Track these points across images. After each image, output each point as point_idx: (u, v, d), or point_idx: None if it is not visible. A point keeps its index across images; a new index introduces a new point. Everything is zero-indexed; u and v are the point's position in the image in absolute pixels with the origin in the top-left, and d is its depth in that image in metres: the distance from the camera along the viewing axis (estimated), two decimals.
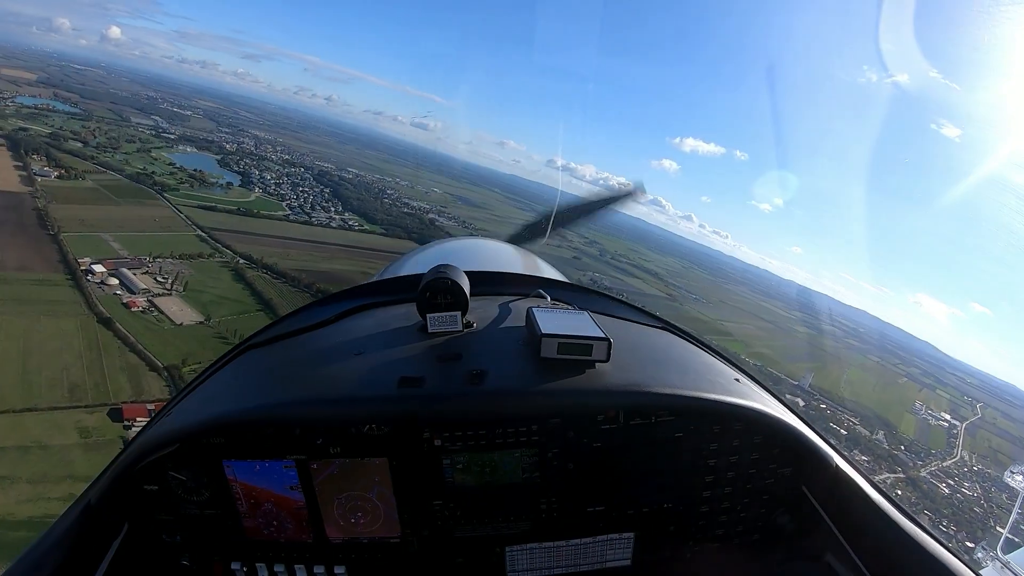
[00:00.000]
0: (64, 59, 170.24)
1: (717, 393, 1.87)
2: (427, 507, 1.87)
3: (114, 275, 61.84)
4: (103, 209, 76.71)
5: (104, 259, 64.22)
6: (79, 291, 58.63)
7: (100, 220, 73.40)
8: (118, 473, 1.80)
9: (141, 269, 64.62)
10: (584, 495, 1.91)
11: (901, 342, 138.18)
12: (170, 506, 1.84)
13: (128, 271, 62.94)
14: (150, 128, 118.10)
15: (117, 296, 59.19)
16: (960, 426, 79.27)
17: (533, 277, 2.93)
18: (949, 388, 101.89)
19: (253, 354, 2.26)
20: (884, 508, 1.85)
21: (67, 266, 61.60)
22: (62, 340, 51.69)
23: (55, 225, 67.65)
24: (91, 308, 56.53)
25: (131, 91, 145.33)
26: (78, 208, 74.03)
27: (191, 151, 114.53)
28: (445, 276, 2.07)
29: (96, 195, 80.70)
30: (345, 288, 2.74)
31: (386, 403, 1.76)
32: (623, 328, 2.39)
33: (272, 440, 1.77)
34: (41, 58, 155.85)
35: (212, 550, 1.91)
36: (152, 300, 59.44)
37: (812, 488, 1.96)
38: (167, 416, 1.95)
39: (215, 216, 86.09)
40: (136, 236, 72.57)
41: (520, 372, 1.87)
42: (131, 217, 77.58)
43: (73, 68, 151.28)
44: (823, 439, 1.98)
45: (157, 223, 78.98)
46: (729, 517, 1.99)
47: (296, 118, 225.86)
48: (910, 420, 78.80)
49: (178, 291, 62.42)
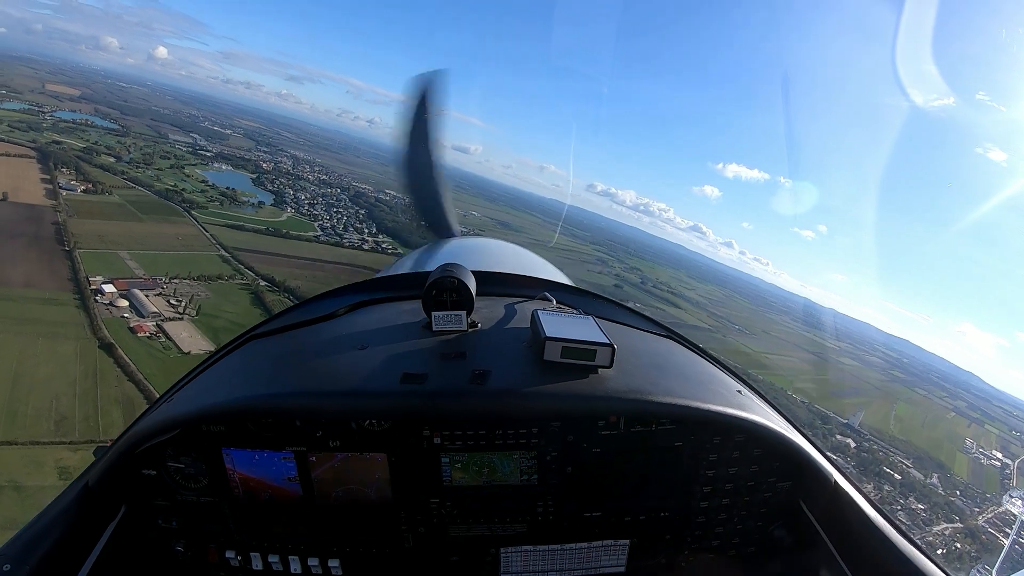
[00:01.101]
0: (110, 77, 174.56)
1: (719, 404, 1.87)
2: (424, 504, 1.89)
3: (124, 296, 57.95)
4: (125, 225, 73.85)
5: (117, 278, 60.57)
6: (85, 312, 54.82)
7: (120, 236, 70.36)
8: (117, 456, 1.82)
9: (154, 290, 60.69)
10: (581, 500, 1.93)
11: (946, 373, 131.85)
12: (167, 491, 1.86)
13: (140, 292, 58.94)
14: (187, 145, 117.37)
15: (124, 319, 55.20)
16: (1012, 465, 76.67)
17: (539, 279, 2.84)
18: (997, 423, 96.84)
19: (256, 344, 2.25)
20: (881, 527, 1.85)
21: (77, 285, 57.91)
22: (57, 365, 47.82)
23: (71, 240, 64.47)
24: (94, 331, 52.51)
25: (173, 109, 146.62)
26: (99, 223, 71.23)
27: (226, 169, 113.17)
28: (451, 275, 2.05)
29: (121, 211, 78.14)
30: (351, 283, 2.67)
31: (387, 399, 1.76)
32: (627, 335, 2.38)
33: (272, 430, 1.78)
34: (87, 75, 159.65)
35: (207, 537, 1.93)
36: (161, 325, 55.35)
37: (810, 503, 1.97)
38: (168, 402, 1.96)
39: (241, 236, 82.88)
40: (155, 254, 69.18)
41: (523, 374, 1.86)
42: (153, 234, 74.56)
43: (118, 86, 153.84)
44: (823, 455, 1.97)
45: (180, 241, 75.68)
46: (726, 528, 2.00)
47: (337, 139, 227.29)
48: (962, 460, 75.33)
49: (190, 315, 58.22)
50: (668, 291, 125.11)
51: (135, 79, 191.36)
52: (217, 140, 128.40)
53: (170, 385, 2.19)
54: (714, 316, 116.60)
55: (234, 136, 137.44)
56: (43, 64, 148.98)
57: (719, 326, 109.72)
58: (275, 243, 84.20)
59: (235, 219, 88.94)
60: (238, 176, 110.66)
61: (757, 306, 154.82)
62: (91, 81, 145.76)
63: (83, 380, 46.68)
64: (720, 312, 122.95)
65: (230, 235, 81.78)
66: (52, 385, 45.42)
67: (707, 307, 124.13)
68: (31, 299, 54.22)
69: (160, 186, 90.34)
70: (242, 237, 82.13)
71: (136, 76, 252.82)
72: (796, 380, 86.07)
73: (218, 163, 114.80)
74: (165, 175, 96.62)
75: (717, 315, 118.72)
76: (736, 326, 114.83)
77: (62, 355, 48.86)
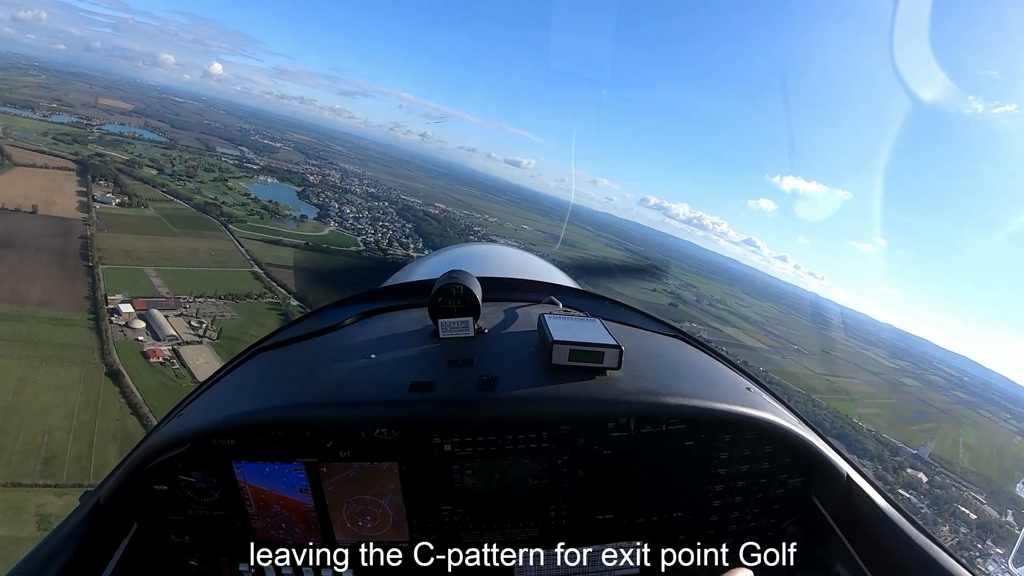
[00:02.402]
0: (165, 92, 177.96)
1: (729, 402, 1.87)
2: (436, 512, 1.91)
3: (143, 316, 53.45)
4: (156, 240, 70.43)
5: (137, 297, 56.33)
6: (97, 334, 50.36)
7: (149, 252, 66.72)
8: (128, 472, 1.83)
9: (176, 311, 56.08)
10: (593, 502, 1.93)
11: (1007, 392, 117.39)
12: (179, 506, 1.88)
13: (160, 312, 54.35)
14: (234, 158, 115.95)
15: (139, 343, 50.53)
16: None
17: (545, 283, 2.87)
18: None
19: (265, 356, 2.28)
20: (896, 520, 1.84)
21: (94, 304, 53.71)
22: (57, 394, 43.28)
23: (96, 256, 60.76)
24: (103, 356, 47.87)
25: (224, 123, 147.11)
26: (129, 238, 67.90)
27: (271, 182, 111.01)
28: (457, 282, 2.08)
29: (154, 225, 75.02)
30: (357, 292, 2.72)
31: (397, 407, 1.78)
32: (635, 336, 2.38)
33: (282, 442, 1.80)
34: (142, 90, 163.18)
35: (220, 551, 1.95)
36: (177, 349, 50.46)
37: (823, 499, 1.96)
38: (178, 417, 1.98)
39: (278, 251, 78.62)
40: (183, 271, 65.12)
41: (531, 378, 1.88)
42: (185, 249, 70.83)
43: (172, 100, 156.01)
44: (835, 450, 1.98)
45: (212, 257, 71.70)
46: (739, 527, 2.00)
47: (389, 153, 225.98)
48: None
49: (210, 338, 53.13)
50: (724, 309, 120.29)
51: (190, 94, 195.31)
52: (265, 153, 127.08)
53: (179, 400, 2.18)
54: (771, 335, 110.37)
55: (284, 149, 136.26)
56: (99, 79, 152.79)
57: (777, 346, 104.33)
58: (314, 258, 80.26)
59: (274, 233, 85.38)
60: (283, 189, 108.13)
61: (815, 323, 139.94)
62: (145, 96, 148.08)
63: (82, 412, 42.00)
64: (778, 331, 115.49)
65: (267, 250, 77.85)
66: (48, 417, 41.00)
67: (764, 325, 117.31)
68: (43, 319, 50.34)
69: (199, 199, 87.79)
70: (280, 252, 77.92)
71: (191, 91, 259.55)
72: (860, 405, 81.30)
73: (263, 176, 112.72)
74: (207, 188, 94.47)
75: (775, 334, 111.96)
76: (795, 346, 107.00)
77: (64, 382, 44.45)
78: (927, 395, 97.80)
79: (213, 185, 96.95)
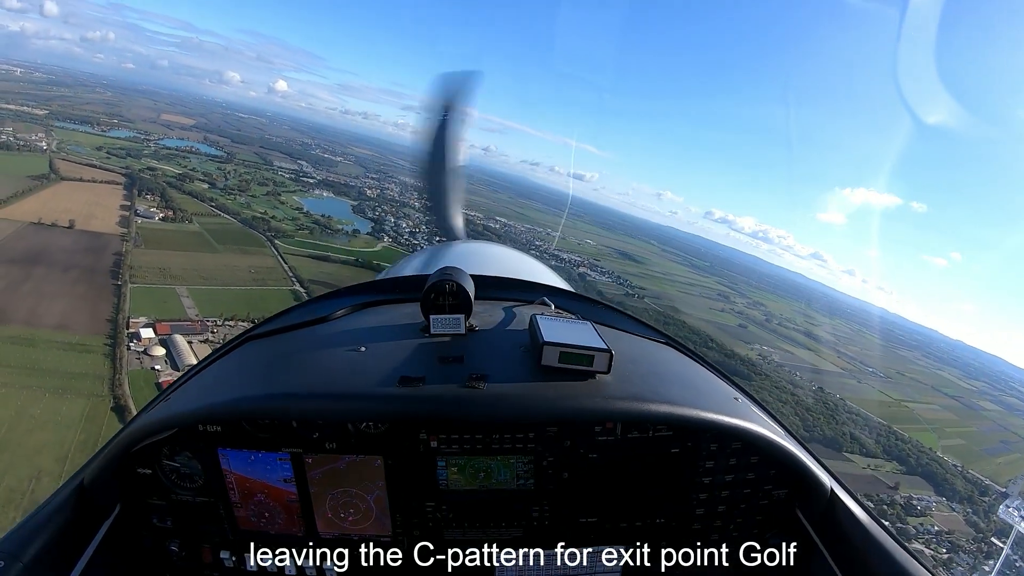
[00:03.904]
0: (230, 108, 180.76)
1: (716, 411, 1.87)
2: (419, 508, 1.91)
3: (164, 342, 48.39)
4: (194, 257, 66.36)
5: (162, 320, 51.54)
6: (111, 362, 45.36)
7: (185, 269, 62.58)
8: (112, 455, 1.81)
9: (201, 335, 51.00)
10: (577, 505, 1.94)
11: None
12: (163, 491, 1.87)
13: (183, 338, 49.19)
14: (291, 172, 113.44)
15: (155, 372, 45.31)
16: None
17: (538, 284, 2.86)
18: None
19: (254, 345, 2.26)
20: (878, 536, 1.84)
21: (114, 327, 48.93)
22: (54, 432, 38.42)
23: (126, 274, 56.55)
24: (113, 387, 42.70)
25: (286, 137, 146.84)
26: (167, 254, 64.11)
27: (326, 196, 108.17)
28: (450, 278, 2.07)
29: (196, 240, 71.45)
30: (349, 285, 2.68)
31: (384, 401, 1.77)
32: (626, 340, 2.37)
33: (268, 432, 1.80)
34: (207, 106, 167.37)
35: (202, 537, 1.94)
36: None
37: (806, 511, 1.96)
38: (164, 402, 1.96)
39: (325, 267, 74.03)
40: (218, 290, 60.57)
41: (520, 378, 1.87)
42: (224, 266, 66.46)
43: (236, 116, 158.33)
44: (820, 464, 1.97)
45: (251, 274, 67.01)
46: (721, 536, 2.01)
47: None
48: None
49: None
50: (795, 328, 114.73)
51: (255, 110, 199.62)
52: (324, 167, 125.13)
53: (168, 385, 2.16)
54: (845, 357, 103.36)
55: (344, 163, 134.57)
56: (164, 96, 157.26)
57: (852, 369, 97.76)
58: (362, 275, 73.49)
59: (323, 249, 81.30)
60: (338, 203, 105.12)
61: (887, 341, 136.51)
62: (209, 111, 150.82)
63: (77, 452, 36.82)
64: (850, 351, 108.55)
65: (312, 266, 73.44)
66: (40, 457, 36.20)
67: (836, 346, 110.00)
68: (57, 344, 45.94)
69: (247, 213, 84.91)
70: (326, 269, 73.42)
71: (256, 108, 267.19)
72: (942, 435, 77.03)
73: (319, 190, 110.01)
74: (258, 202, 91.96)
75: (848, 356, 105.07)
76: (869, 368, 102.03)
77: (66, 417, 39.60)
78: (1008, 421, 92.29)
79: (265, 199, 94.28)
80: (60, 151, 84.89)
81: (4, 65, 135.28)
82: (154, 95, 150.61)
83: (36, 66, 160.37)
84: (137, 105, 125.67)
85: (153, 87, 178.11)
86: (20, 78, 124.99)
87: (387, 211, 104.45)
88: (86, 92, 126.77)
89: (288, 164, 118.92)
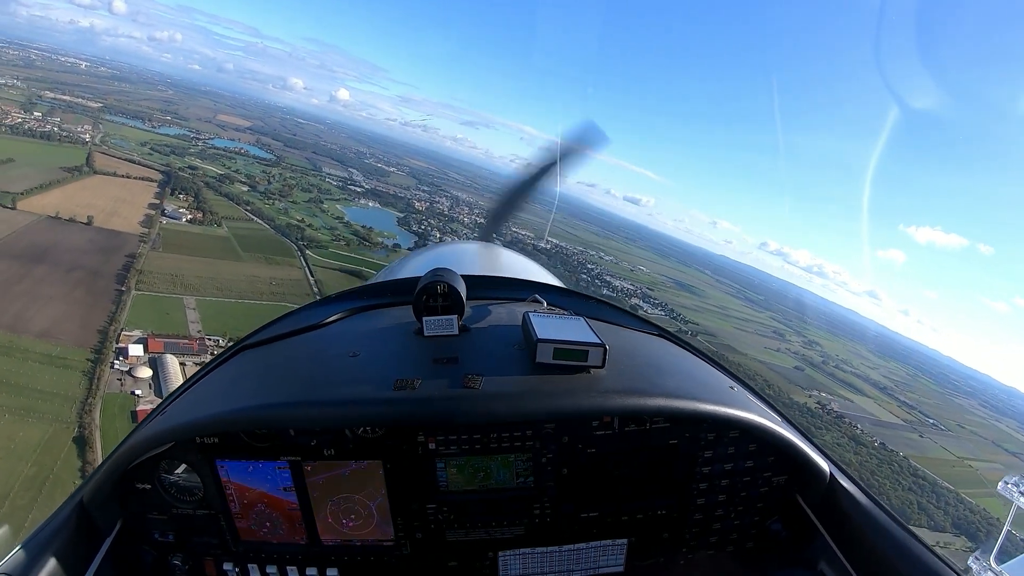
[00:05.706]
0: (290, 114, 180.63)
1: (713, 401, 1.89)
2: (420, 510, 1.92)
3: (153, 362, 42.88)
4: (214, 264, 61.75)
5: (157, 335, 46.32)
6: (89, 381, 40.10)
7: (199, 277, 57.82)
8: (111, 471, 1.81)
9: (197, 356, 45.06)
10: (578, 500, 1.96)
11: None
12: (163, 505, 1.88)
13: (174, 359, 43.95)
14: (339, 179, 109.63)
15: (134, 398, 39.73)
16: None
17: (530, 282, 2.86)
18: None
19: (248, 354, 2.25)
20: (877, 517, 1.88)
21: (103, 339, 43.83)
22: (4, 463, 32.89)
23: (133, 279, 51.91)
24: (82, 413, 37.28)
25: (342, 145, 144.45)
26: (182, 259, 59.73)
27: (372, 206, 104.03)
28: (442, 279, 2.08)
29: (220, 246, 67.08)
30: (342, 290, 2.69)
31: (380, 405, 1.77)
32: (619, 334, 2.38)
33: (266, 441, 1.81)
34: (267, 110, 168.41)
35: (204, 550, 1.95)
36: None
37: (806, 497, 2.00)
38: (161, 415, 1.95)
39: (355, 282, 66.10)
40: (229, 303, 55.51)
41: (515, 376, 1.88)
42: (243, 277, 61.54)
43: (295, 121, 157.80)
44: (818, 449, 2.01)
45: (271, 287, 61.79)
46: (723, 524, 2.03)
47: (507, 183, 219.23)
48: None
49: None
50: (852, 371, 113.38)
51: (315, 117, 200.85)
52: (375, 176, 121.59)
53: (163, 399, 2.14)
54: (904, 406, 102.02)
55: (396, 174, 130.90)
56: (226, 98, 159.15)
57: (912, 420, 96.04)
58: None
59: (356, 262, 76.09)
60: (384, 214, 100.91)
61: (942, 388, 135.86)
62: (267, 115, 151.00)
63: (24, 492, 31.50)
64: (908, 399, 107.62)
65: (341, 281, 66.84)
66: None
67: (895, 392, 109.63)
68: (35, 355, 41.33)
69: (283, 220, 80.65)
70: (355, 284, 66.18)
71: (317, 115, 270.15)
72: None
73: (366, 199, 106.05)
74: (297, 208, 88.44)
75: (907, 404, 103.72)
76: (931, 420, 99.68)
77: (21, 446, 34.51)
78: None
79: (306, 205, 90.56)
80: (102, 144, 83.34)
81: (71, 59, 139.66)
82: (216, 96, 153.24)
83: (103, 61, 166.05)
84: (196, 104, 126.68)
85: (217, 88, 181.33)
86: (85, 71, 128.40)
87: (433, 225, 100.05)
88: (147, 89, 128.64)
89: (338, 171, 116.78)
